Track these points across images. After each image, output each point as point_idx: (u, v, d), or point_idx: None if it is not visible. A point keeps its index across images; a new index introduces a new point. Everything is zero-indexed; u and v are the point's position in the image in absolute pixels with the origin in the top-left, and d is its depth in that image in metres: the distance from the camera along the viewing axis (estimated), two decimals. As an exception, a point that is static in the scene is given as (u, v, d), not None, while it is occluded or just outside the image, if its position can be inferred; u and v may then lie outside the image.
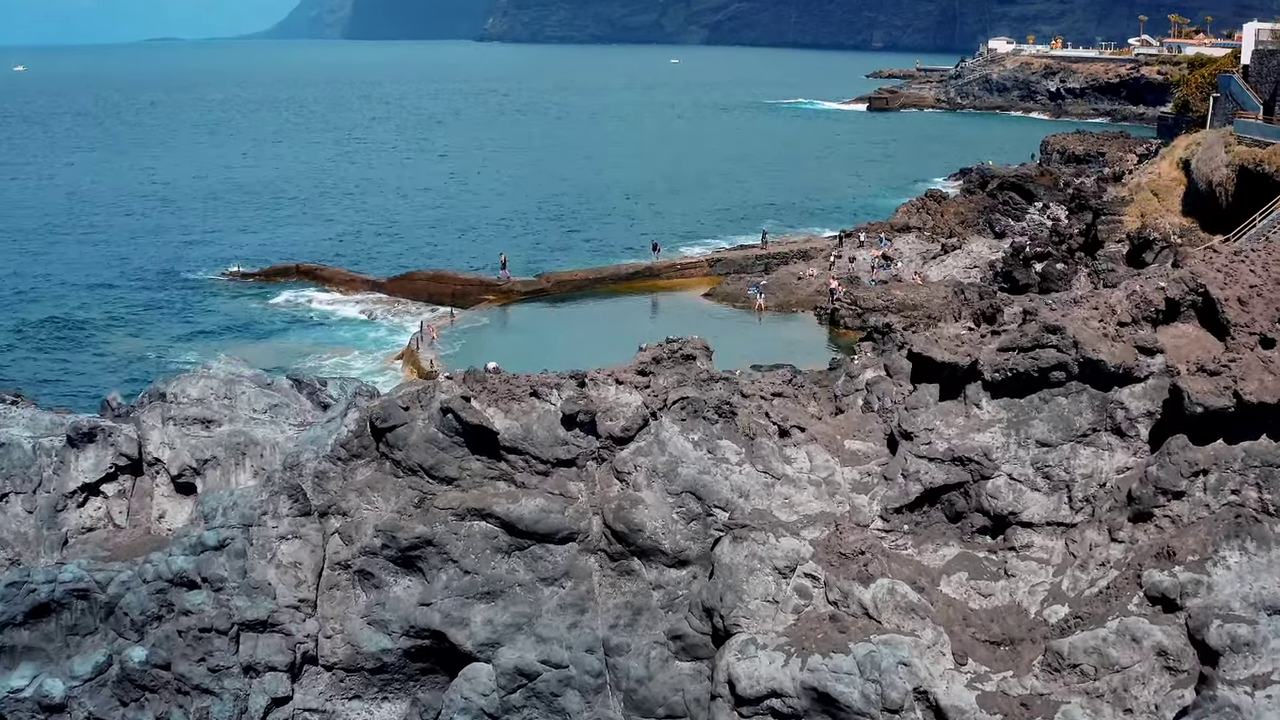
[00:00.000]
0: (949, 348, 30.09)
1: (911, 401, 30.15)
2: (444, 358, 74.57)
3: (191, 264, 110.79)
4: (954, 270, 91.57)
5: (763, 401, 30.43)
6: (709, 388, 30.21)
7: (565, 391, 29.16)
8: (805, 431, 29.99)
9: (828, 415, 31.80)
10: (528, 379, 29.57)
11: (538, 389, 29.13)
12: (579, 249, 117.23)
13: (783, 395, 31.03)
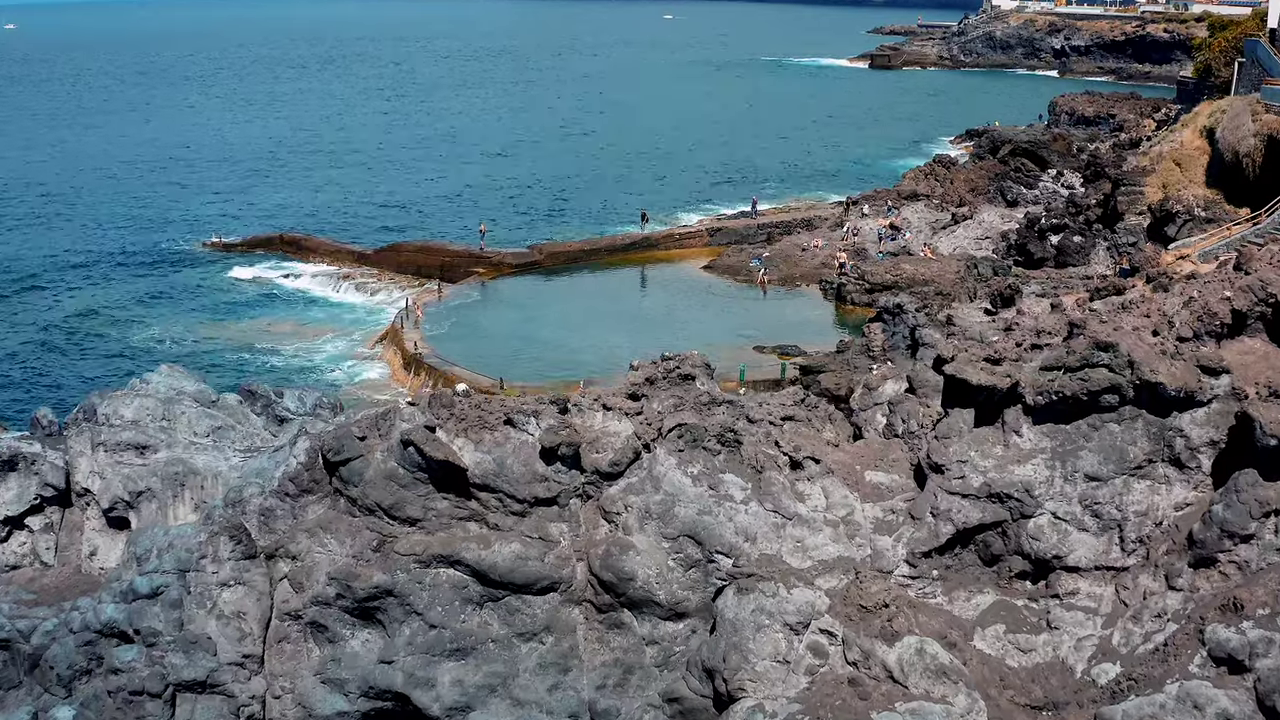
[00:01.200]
0: (986, 368, 26.27)
1: (942, 429, 26.38)
2: (430, 339, 70.71)
3: (170, 233, 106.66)
4: (964, 241, 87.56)
5: (771, 428, 26.67)
6: (710, 412, 26.48)
7: (544, 420, 25.40)
8: (820, 463, 26.24)
9: (845, 441, 28.05)
10: (502, 404, 25.78)
11: (513, 417, 25.35)
12: (570, 217, 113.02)
13: (794, 419, 27.29)
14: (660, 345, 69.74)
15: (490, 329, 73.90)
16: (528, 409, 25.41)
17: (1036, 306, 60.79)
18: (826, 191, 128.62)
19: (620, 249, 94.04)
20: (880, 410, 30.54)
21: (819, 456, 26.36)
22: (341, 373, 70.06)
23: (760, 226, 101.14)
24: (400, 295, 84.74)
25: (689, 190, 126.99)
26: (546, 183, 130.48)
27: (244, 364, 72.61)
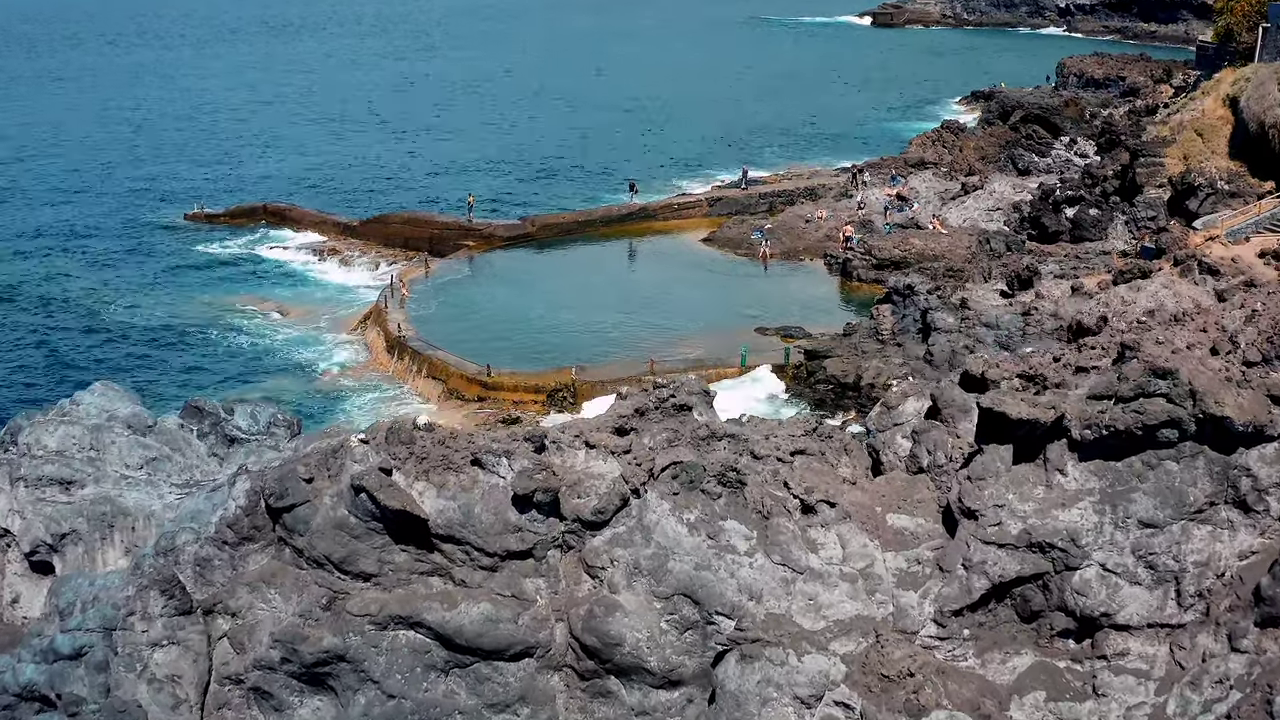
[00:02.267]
0: (1028, 400, 22.86)
1: (976, 468, 23.01)
2: (415, 319, 67.23)
3: (152, 205, 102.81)
4: (975, 213, 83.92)
5: (780, 465, 23.31)
6: (709, 448, 23.14)
7: (518, 460, 22.04)
8: (836, 506, 22.91)
9: (864, 476, 24.69)
10: (469, 442, 22.37)
11: (481, 457, 21.99)
12: (560, 185, 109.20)
13: (806, 452, 23.92)
14: (657, 326, 67.17)
15: (479, 308, 70.43)
16: (498, 448, 22.01)
17: (1056, 289, 57.43)
18: (831, 157, 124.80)
19: (616, 220, 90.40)
20: (900, 432, 27.14)
21: (834, 498, 23.01)
22: (321, 356, 66.65)
23: (762, 196, 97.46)
24: (386, 270, 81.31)
25: (684, 157, 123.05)
26: (535, 150, 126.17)
27: (220, 345, 69.28)
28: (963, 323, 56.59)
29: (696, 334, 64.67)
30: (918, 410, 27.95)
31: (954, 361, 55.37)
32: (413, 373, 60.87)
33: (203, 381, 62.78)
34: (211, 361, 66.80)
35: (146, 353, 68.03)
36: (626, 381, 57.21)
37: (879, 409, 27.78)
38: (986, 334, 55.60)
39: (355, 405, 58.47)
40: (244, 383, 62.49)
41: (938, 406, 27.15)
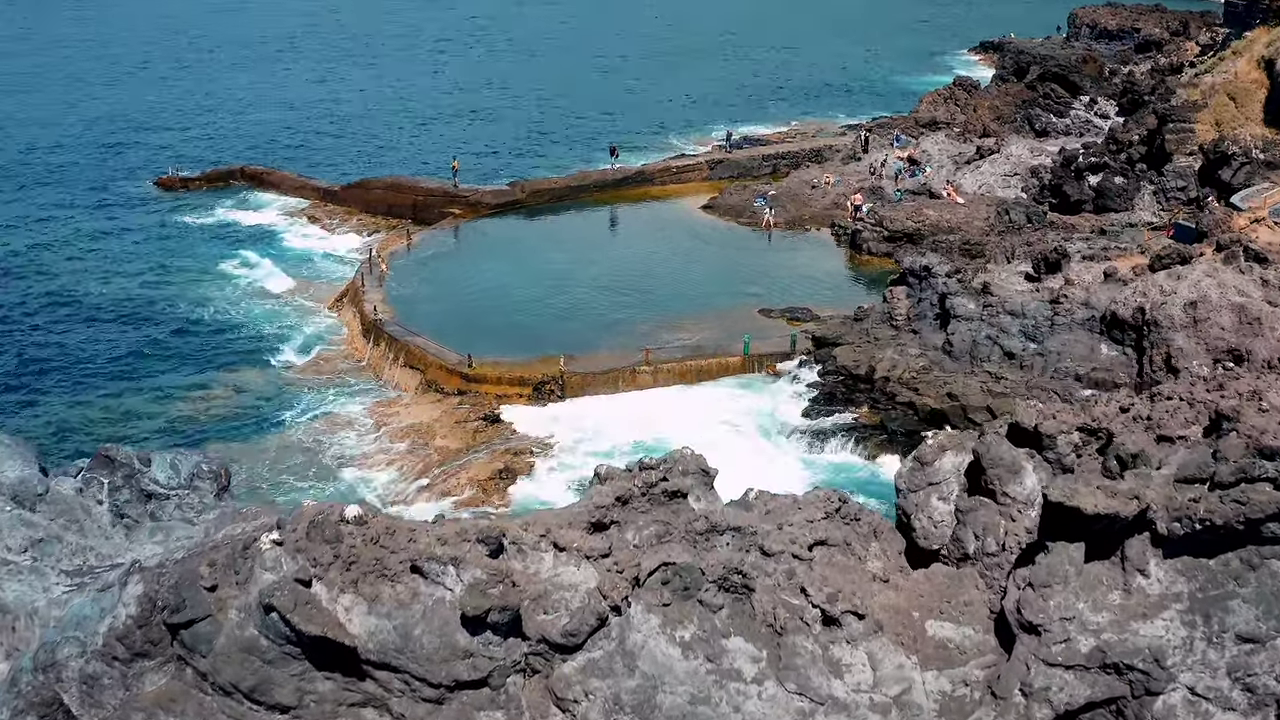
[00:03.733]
0: (1106, 489, 18.38)
1: (1040, 573, 18.56)
2: (394, 299, 62.61)
3: (122, 169, 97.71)
4: (991, 178, 79.09)
5: (796, 563, 18.89)
6: (708, 545, 18.72)
7: (468, 569, 17.60)
8: (865, 618, 18.51)
9: (897, 570, 20.26)
10: (409, 541, 17.90)
11: (423, 565, 17.59)
12: (545, 147, 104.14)
13: (827, 543, 19.51)
14: (653, 306, 62.34)
15: (462, 286, 65.77)
16: (443, 555, 17.55)
17: (1086, 273, 52.78)
18: (834, 113, 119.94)
19: (611, 185, 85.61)
20: (936, 493, 22.74)
21: (863, 605, 18.61)
22: (293, 338, 62.05)
23: (765, 158, 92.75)
24: (368, 239, 76.72)
25: (680, 114, 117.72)
26: (518, 111, 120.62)
27: (188, 324, 64.72)
28: (985, 310, 52.06)
29: (695, 315, 60.10)
30: (956, 467, 23.49)
31: (975, 352, 51.01)
32: (389, 361, 56.40)
33: (157, 369, 58.36)
34: (179, 341, 62.28)
35: (111, 335, 63.40)
36: (619, 374, 52.99)
37: (910, 464, 23.34)
38: (1011, 323, 51.09)
39: (321, 402, 53.96)
40: (205, 368, 58.15)
41: (981, 465, 22.68)
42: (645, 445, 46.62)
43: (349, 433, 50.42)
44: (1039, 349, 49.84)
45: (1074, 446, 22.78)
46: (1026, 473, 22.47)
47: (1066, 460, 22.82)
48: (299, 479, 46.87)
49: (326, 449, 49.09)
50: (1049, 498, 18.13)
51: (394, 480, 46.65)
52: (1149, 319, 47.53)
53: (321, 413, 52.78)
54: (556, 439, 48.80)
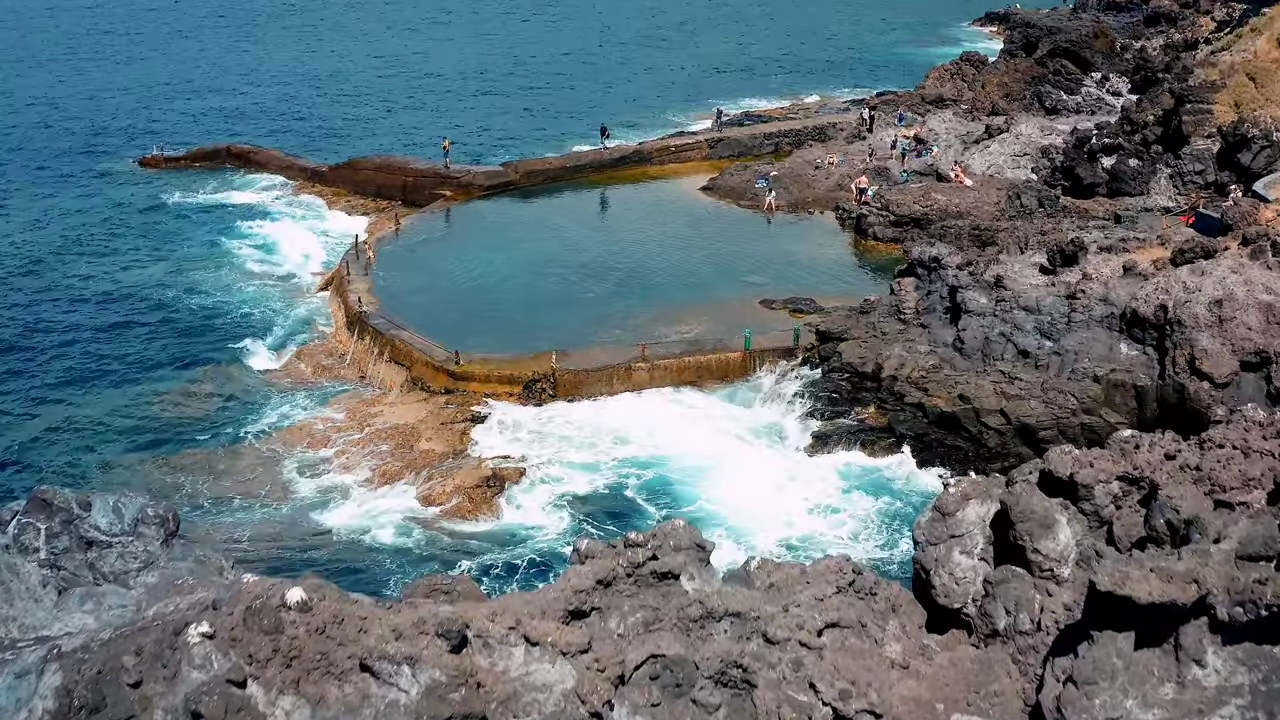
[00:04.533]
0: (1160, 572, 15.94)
1: (1084, 667, 16.12)
2: (380, 289, 60.14)
3: (104, 148, 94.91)
4: (1000, 159, 76.43)
5: (804, 651, 16.49)
6: (704, 633, 16.31)
7: (425, 668, 15.20)
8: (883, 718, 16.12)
9: (917, 651, 17.85)
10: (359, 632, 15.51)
11: (374, 664, 15.21)
12: (542, 126, 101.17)
13: (840, 625, 17.12)
14: (650, 296, 59.70)
15: (452, 275, 63.18)
16: (397, 654, 15.15)
17: (1104, 266, 50.22)
18: (835, 87, 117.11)
19: (608, 165, 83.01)
20: (959, 546, 20.33)
21: (880, 701, 16.22)
22: (276, 329, 59.61)
23: (766, 136, 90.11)
24: (358, 220, 74.20)
25: (680, 90, 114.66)
26: (511, 87, 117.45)
27: (166, 310, 62.43)
28: (998, 305, 49.56)
29: (694, 306, 57.56)
30: (981, 518, 21.04)
31: (988, 350, 48.53)
32: (373, 356, 53.96)
33: (131, 361, 55.96)
34: (158, 330, 59.94)
35: (89, 323, 61.04)
36: (613, 372, 50.55)
37: (930, 515, 20.89)
38: (1025, 319, 48.60)
39: (300, 401, 51.51)
40: (180, 361, 55.88)
41: (1010, 518, 20.23)
42: (639, 461, 44.38)
43: (327, 434, 47.95)
44: (1055, 347, 47.37)
45: (1113, 497, 20.39)
46: (1060, 526, 20.08)
47: (1105, 512, 20.46)
48: (267, 488, 44.43)
49: (301, 453, 46.63)
50: (1097, 587, 15.69)
51: (370, 487, 44.16)
52: (1172, 317, 45.06)
53: (298, 412, 50.35)
54: (539, 454, 46.15)
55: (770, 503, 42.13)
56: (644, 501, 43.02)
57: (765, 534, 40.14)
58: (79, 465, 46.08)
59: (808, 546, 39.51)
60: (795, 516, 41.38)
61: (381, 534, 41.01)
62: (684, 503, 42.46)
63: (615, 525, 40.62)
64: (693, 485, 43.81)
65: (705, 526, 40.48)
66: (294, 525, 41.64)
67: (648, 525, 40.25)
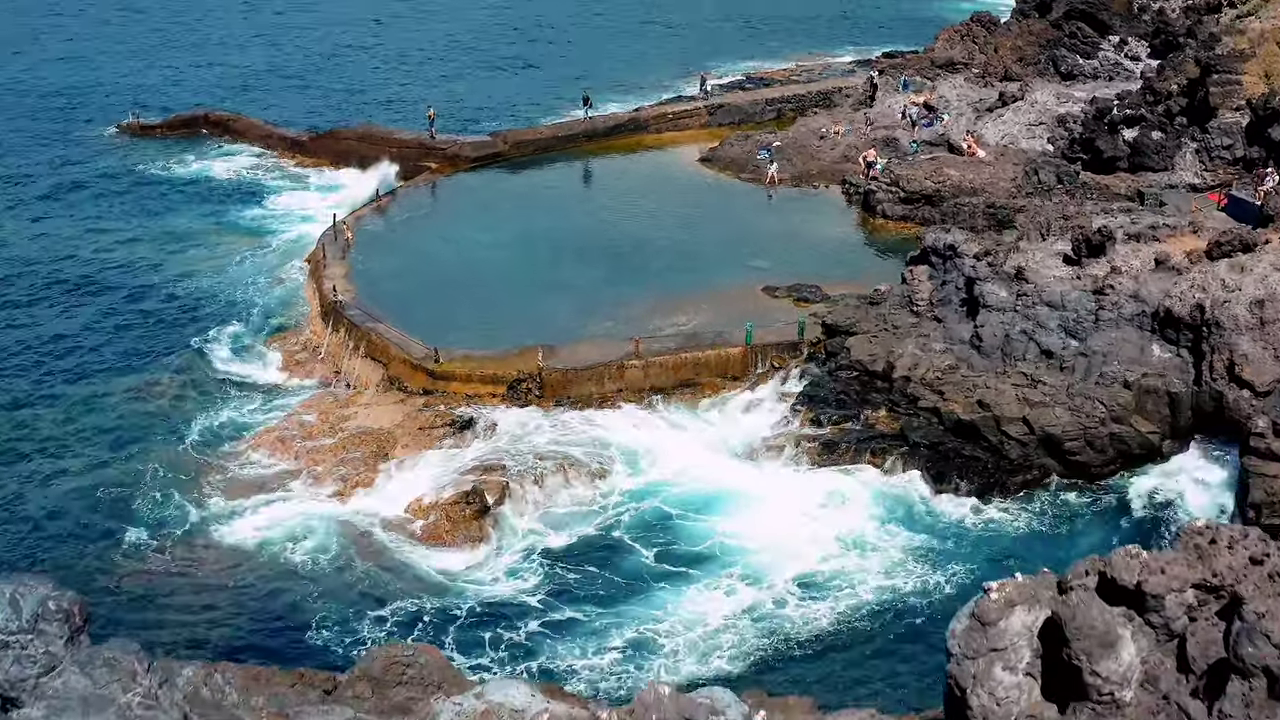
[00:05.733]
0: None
1: None
2: (358, 274, 56.51)
3: (80, 115, 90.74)
4: (1015, 128, 72.55)
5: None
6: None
7: None
8: None
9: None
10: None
11: None
12: (529, 93, 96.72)
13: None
14: (645, 282, 55.74)
15: (435, 257, 59.48)
16: None
17: (1134, 257, 46.55)
18: (837, 46, 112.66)
19: (601, 134, 79.08)
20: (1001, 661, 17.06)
21: None
22: (250, 315, 55.95)
23: (769, 102, 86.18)
24: (339, 194, 70.45)
25: (669, 56, 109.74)
26: (498, 51, 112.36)
27: (129, 290, 59.08)
28: (1019, 300, 45.99)
29: (692, 294, 53.93)
30: (1027, 628, 17.81)
31: (1008, 349, 45.00)
32: (348, 350, 50.40)
33: (91, 350, 52.49)
34: (124, 316, 56.43)
35: (57, 306, 57.52)
36: (605, 370, 47.08)
37: (966, 622, 17.61)
38: (1049, 316, 45.04)
39: (268, 400, 47.95)
40: (146, 354, 52.51)
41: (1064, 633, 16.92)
42: (635, 492, 40.80)
43: (293, 439, 44.37)
44: (1081, 348, 43.82)
45: (1187, 608, 17.17)
46: (1124, 643, 16.80)
47: (1176, 625, 17.24)
48: (226, 495, 41.05)
49: (261, 464, 43.09)
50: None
51: (338, 501, 40.67)
52: (1209, 318, 41.55)
53: (263, 414, 46.84)
54: (525, 466, 42.40)
55: (783, 533, 38.56)
56: (646, 552, 38.83)
57: (782, 572, 36.72)
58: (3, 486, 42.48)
59: (828, 587, 36.17)
60: (811, 549, 37.79)
61: (342, 567, 37.46)
62: (694, 540, 38.99)
63: (608, 577, 37.03)
64: (700, 518, 40.15)
65: (721, 567, 37.54)
66: (238, 564, 38.02)
67: (648, 575, 36.84)
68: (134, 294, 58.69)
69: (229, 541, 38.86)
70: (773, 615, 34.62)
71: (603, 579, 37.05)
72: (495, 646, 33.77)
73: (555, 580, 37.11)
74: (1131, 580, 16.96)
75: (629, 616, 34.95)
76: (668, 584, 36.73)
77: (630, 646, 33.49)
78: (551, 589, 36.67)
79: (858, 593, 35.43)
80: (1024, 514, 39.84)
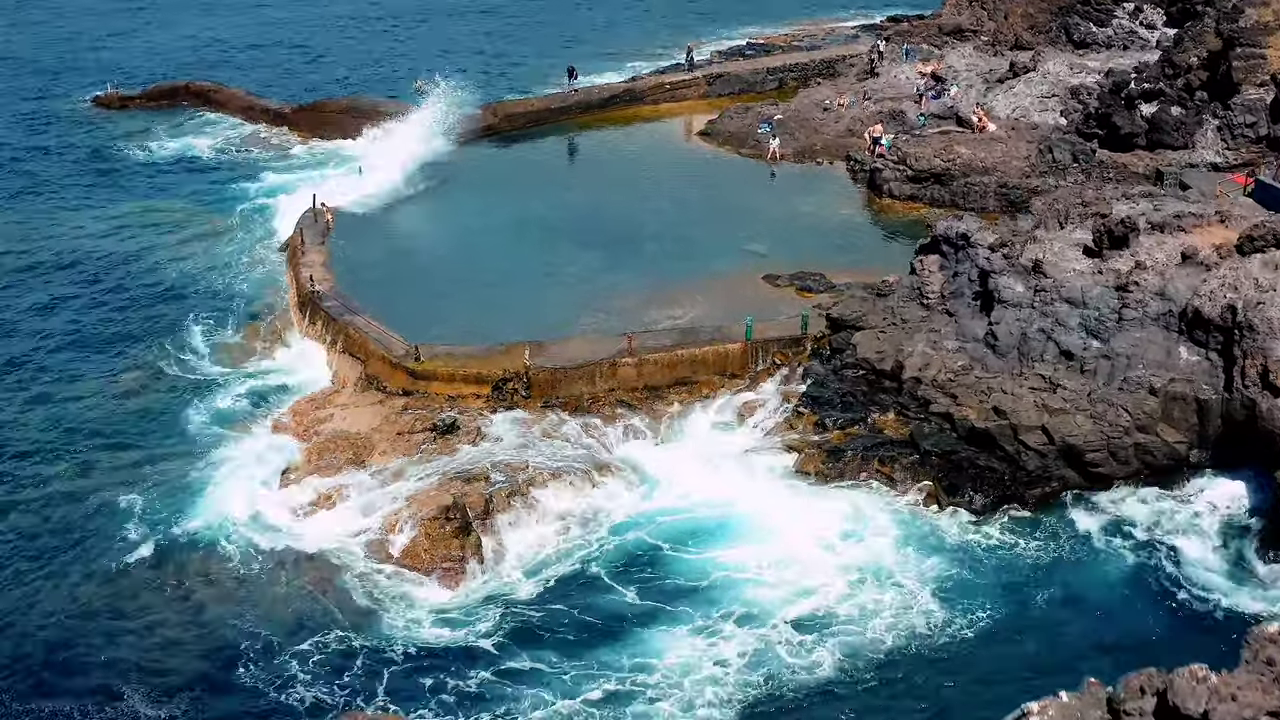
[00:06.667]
0: None
1: None
2: (336, 261, 53.65)
3: (57, 85, 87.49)
4: (1026, 100, 69.51)
5: None
6: None
7: None
8: None
9: None
10: None
11: None
12: (521, 61, 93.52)
13: None
14: (639, 269, 52.88)
15: (418, 241, 56.75)
16: None
17: (1159, 250, 43.70)
18: (844, 7, 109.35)
19: (596, 106, 76.14)
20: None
21: None
22: (224, 306, 53.13)
23: (770, 71, 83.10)
24: (323, 170, 67.63)
25: (664, 21, 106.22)
26: (489, 26, 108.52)
27: (99, 274, 56.22)
28: (1036, 295, 43.18)
29: (689, 283, 51.10)
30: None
31: (1025, 349, 42.27)
32: (325, 345, 47.70)
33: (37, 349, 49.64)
34: (97, 307, 53.46)
35: (23, 294, 54.69)
36: (596, 368, 44.37)
37: None
38: (1069, 313, 42.26)
39: (231, 408, 45.06)
40: (108, 349, 49.44)
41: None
42: (623, 524, 37.74)
43: (261, 445, 41.61)
44: (1103, 349, 41.05)
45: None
46: (1188, 780, 14.19)
47: (1252, 762, 14.56)
48: (182, 514, 38.31)
49: (229, 471, 40.33)
50: None
51: (303, 517, 37.95)
52: (1241, 321, 38.77)
53: (233, 414, 44.06)
54: (511, 478, 39.46)
55: (783, 563, 35.27)
56: (627, 590, 34.95)
57: (781, 609, 33.39)
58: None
59: (830, 627, 32.81)
60: (813, 581, 34.50)
61: (300, 599, 34.60)
62: (683, 574, 35.39)
63: (581, 618, 33.60)
64: (689, 550, 36.61)
65: (715, 607, 33.99)
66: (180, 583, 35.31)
67: (630, 615, 33.19)
68: (101, 279, 55.71)
69: (178, 558, 36.11)
70: (769, 661, 31.30)
71: (576, 620, 33.64)
72: (445, 697, 30.73)
73: (520, 621, 33.56)
74: (1197, 709, 14.34)
75: (606, 665, 31.74)
76: (650, 626, 33.23)
77: (608, 700, 30.40)
78: (516, 630, 33.17)
79: (864, 634, 32.20)
80: (1041, 536, 36.96)
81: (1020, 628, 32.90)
